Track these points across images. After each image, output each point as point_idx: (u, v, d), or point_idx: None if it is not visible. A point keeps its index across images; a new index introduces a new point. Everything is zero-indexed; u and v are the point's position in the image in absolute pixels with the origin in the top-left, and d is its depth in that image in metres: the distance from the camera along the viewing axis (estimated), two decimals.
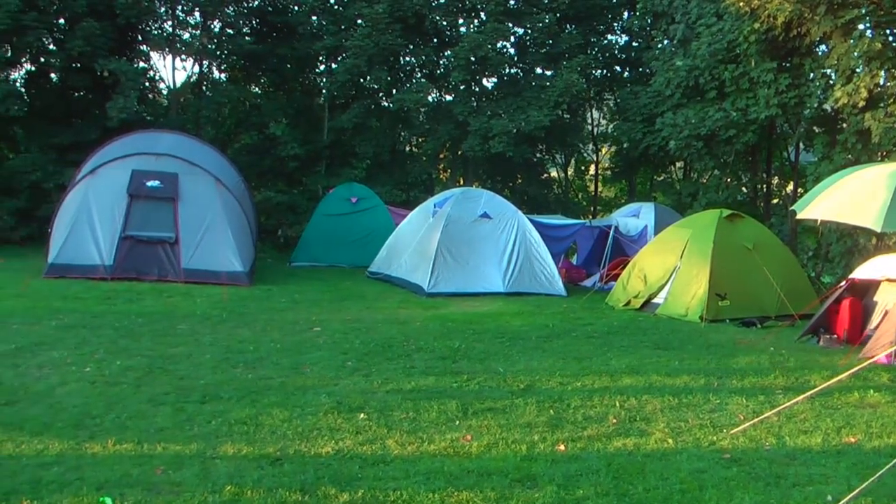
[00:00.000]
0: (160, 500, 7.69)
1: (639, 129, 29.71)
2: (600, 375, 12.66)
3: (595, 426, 10.03)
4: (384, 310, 18.47)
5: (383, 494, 7.89)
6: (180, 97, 33.77)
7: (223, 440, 9.30)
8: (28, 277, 20.20)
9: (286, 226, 30.24)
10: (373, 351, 14.10)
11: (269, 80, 35.70)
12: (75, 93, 31.54)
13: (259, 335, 15.18)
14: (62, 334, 14.65)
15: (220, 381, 11.80)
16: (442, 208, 22.05)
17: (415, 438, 9.50)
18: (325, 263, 25.80)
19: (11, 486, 7.92)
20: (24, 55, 30.31)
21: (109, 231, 20.89)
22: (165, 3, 32.36)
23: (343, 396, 11.14)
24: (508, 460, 8.83)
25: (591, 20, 33.50)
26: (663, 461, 8.90)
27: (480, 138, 30.14)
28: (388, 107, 33.11)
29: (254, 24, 34.23)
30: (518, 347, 14.73)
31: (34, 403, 10.53)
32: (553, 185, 37.85)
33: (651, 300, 19.11)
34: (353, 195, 26.79)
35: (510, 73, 33.20)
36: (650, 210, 24.65)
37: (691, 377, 12.78)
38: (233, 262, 21.03)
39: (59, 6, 29.41)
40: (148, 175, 21.30)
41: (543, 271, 21.21)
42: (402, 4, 30.54)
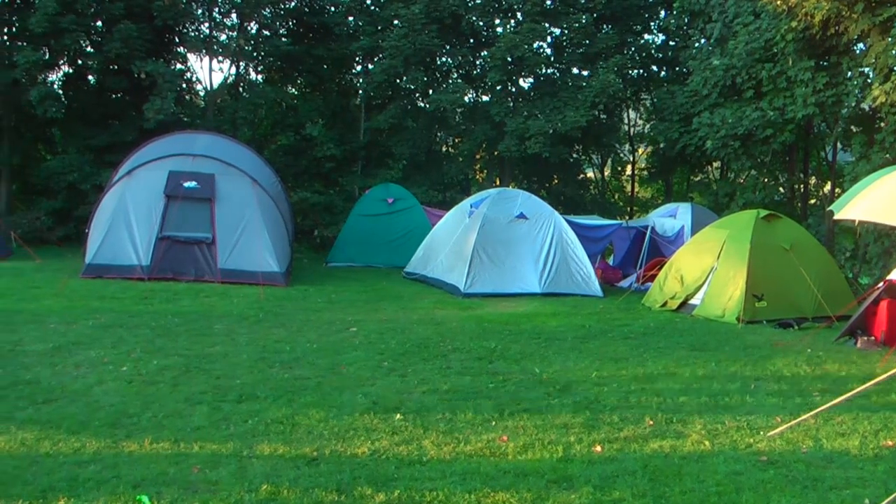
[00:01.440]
0: (197, 498, 7.71)
1: (675, 129, 29.61)
2: (637, 376, 12.62)
3: (631, 427, 9.99)
4: (420, 310, 18.47)
5: (419, 495, 7.88)
6: (217, 98, 33.87)
7: (259, 439, 9.32)
8: (65, 277, 20.32)
9: (322, 226, 30.31)
10: (409, 351, 14.10)
11: (305, 80, 35.84)
12: (113, 94, 31.77)
13: (295, 335, 15.20)
14: (99, 334, 14.73)
15: (257, 381, 11.83)
16: (478, 209, 22.03)
17: (451, 439, 9.49)
18: (362, 264, 25.86)
19: (49, 484, 7.97)
20: (61, 57, 30.57)
21: (146, 232, 21.01)
22: (202, 6, 32.49)
23: (379, 397, 11.15)
24: (545, 461, 8.81)
25: (628, 20, 33.41)
26: (700, 463, 8.86)
27: (517, 139, 30.11)
28: (424, 107, 33.14)
29: (290, 26, 34.35)
30: (554, 348, 14.70)
31: (71, 402, 10.59)
32: (589, 185, 37.83)
33: (688, 301, 19.03)
34: (390, 196, 26.82)
35: (546, 73, 33.12)
36: (687, 210, 24.57)
37: (728, 379, 12.71)
38: (269, 263, 21.09)
39: (97, 9, 29.55)
40: (185, 176, 21.41)
41: (580, 272, 21.17)
42: (439, 5, 30.55)
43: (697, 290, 18.91)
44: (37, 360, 12.69)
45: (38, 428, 9.51)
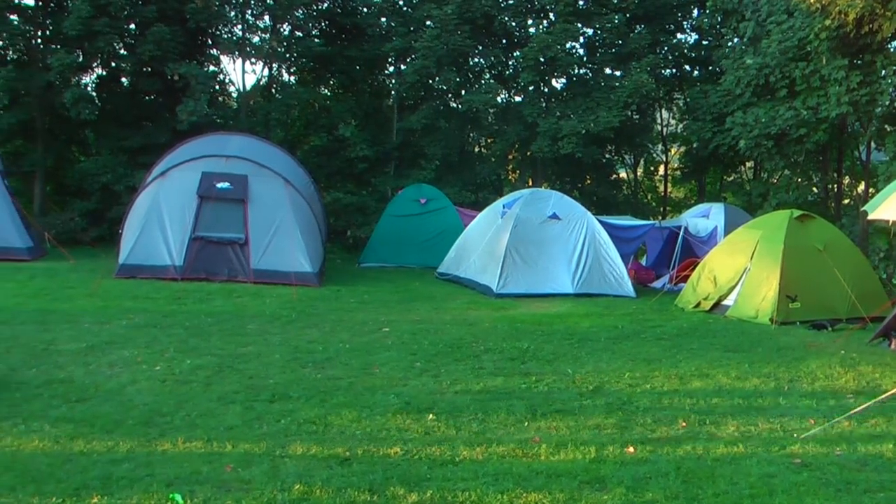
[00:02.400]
0: (229, 497, 7.75)
1: (708, 129, 29.49)
2: (669, 378, 12.59)
3: (664, 429, 9.98)
4: (453, 311, 18.47)
5: (452, 495, 7.90)
6: (250, 100, 33.94)
7: (292, 439, 9.36)
8: (99, 278, 20.41)
9: (355, 227, 30.32)
10: (441, 352, 14.11)
11: (338, 81, 35.86)
12: (146, 96, 31.95)
13: (328, 335, 15.24)
14: (133, 333, 14.82)
15: (289, 381, 11.87)
16: (511, 209, 22.02)
17: (483, 439, 9.50)
18: (394, 264, 25.87)
19: (82, 482, 8.03)
20: (95, 60, 30.75)
21: (180, 232, 21.10)
22: (235, 8, 32.56)
23: (412, 397, 11.17)
24: (577, 462, 8.81)
25: (661, 19, 33.26)
26: (733, 465, 8.84)
27: (549, 139, 30.07)
28: (456, 108, 33.15)
29: (323, 27, 34.40)
30: (587, 349, 14.69)
31: (105, 401, 10.67)
32: (622, 185, 37.71)
33: (721, 302, 18.95)
34: (422, 196, 26.83)
35: (579, 73, 33.05)
36: (720, 211, 24.47)
37: (761, 380, 12.66)
38: (302, 263, 21.12)
39: (130, 12, 29.67)
40: (218, 177, 21.48)
41: (612, 272, 21.12)
42: (472, 5, 30.53)
43: (731, 291, 18.82)
44: (71, 360, 12.78)
45: (71, 426, 9.59)
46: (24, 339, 14.03)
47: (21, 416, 9.95)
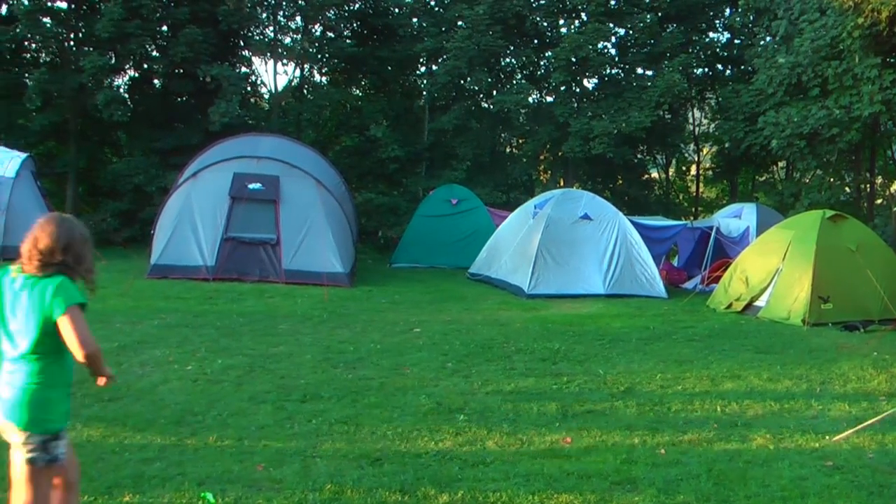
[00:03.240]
0: (261, 496, 7.78)
1: (740, 129, 29.39)
2: (701, 379, 12.54)
3: (696, 430, 9.93)
4: (484, 311, 18.46)
5: (483, 496, 7.90)
6: (281, 101, 34.05)
7: (323, 439, 9.38)
8: (131, 278, 20.48)
9: (386, 227, 30.37)
10: (473, 352, 14.10)
11: (369, 82, 35.94)
12: (178, 98, 32.12)
13: (359, 336, 15.25)
14: (164, 333, 14.88)
15: (321, 381, 11.88)
16: (542, 209, 21.99)
17: (514, 440, 9.49)
18: (426, 265, 25.88)
19: (115, 480, 8.08)
20: (127, 62, 30.93)
21: (211, 232, 21.18)
22: (267, 9, 32.71)
23: (443, 397, 11.18)
24: (608, 463, 8.78)
25: (693, 18, 33.14)
26: (764, 467, 8.79)
27: (581, 139, 30.05)
28: (488, 108, 33.22)
29: (355, 27, 34.43)
30: (618, 349, 14.65)
31: (137, 400, 10.74)
32: (654, 185, 37.69)
33: (753, 303, 18.84)
34: (454, 197, 26.85)
35: (611, 73, 33.04)
36: (752, 211, 24.35)
37: (793, 382, 12.60)
38: (333, 263, 21.15)
39: (162, 14, 29.86)
40: (249, 178, 21.55)
41: (644, 273, 21.07)
42: (503, 5, 30.55)
43: (763, 292, 18.72)
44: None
45: (103, 425, 9.65)
46: None
47: None
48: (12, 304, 5.90)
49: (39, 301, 5.78)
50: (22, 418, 5.82)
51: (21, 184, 23.66)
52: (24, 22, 28.34)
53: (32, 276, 5.82)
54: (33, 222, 18.73)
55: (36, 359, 5.82)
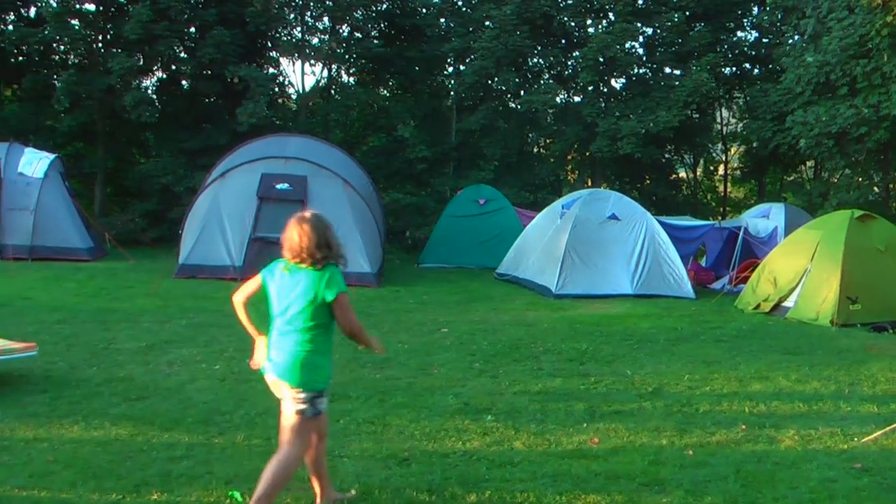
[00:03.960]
0: (288, 496, 7.82)
1: (768, 128, 29.26)
2: (729, 380, 12.50)
3: (724, 432, 9.90)
4: (511, 311, 18.46)
5: (510, 496, 7.90)
6: (309, 101, 34.16)
7: (351, 439, 9.43)
8: (159, 277, 20.61)
9: (414, 227, 30.35)
10: (500, 352, 14.12)
11: (397, 82, 36.01)
12: (205, 99, 32.24)
13: (386, 336, 15.20)
14: (192, 333, 14.96)
15: (348, 381, 11.91)
16: (570, 210, 21.97)
17: (542, 440, 9.50)
18: (453, 265, 25.86)
19: (142, 478, 8.12)
20: (155, 63, 31.11)
21: (239, 233, 21.25)
22: (294, 10, 32.80)
23: (470, 398, 11.20)
24: (636, 464, 8.77)
25: (721, 17, 32.96)
26: (793, 469, 8.76)
27: (609, 139, 29.99)
28: (515, 108, 33.19)
29: (382, 28, 34.50)
30: (646, 350, 14.63)
31: (165, 399, 10.81)
32: (682, 185, 37.58)
33: (781, 303, 18.74)
34: (481, 197, 26.83)
35: (639, 73, 32.93)
36: (780, 211, 24.27)
37: (821, 383, 12.54)
38: (361, 264, 21.15)
39: (190, 15, 30.04)
40: (277, 178, 21.61)
41: (672, 273, 21.01)
42: (531, 5, 30.52)
43: (791, 293, 18.61)
44: (130, 358, 12.93)
45: (131, 424, 9.70)
46: (84, 338, 14.20)
47: (81, 413, 10.08)
48: (286, 288, 7.29)
49: (314, 287, 7.17)
50: (295, 378, 7.17)
51: (49, 184, 23.83)
52: (52, 24, 28.52)
53: (305, 268, 7.22)
54: (61, 222, 18.97)
55: (307, 331, 7.18)
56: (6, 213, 23.32)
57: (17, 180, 23.52)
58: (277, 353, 7.33)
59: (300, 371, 7.18)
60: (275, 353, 7.36)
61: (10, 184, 23.45)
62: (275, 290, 7.42)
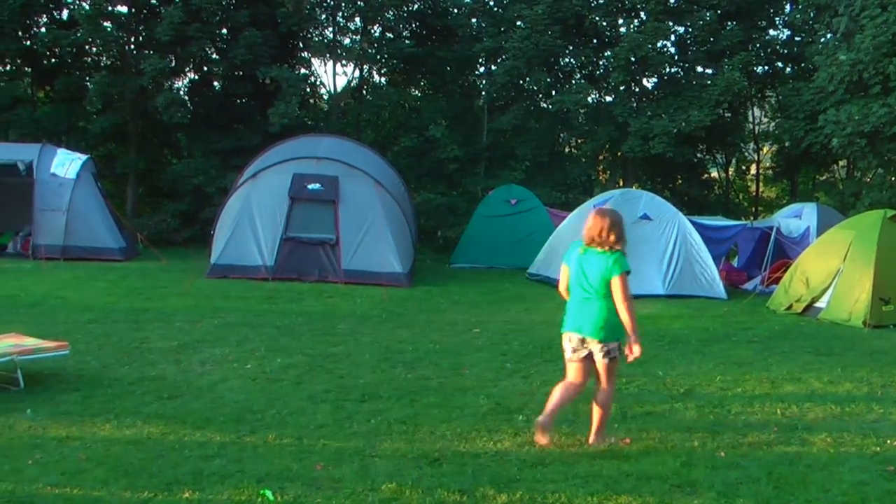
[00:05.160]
0: (320, 495, 7.82)
1: (801, 127, 29.11)
2: (761, 381, 12.44)
3: (756, 433, 9.86)
4: (543, 311, 18.38)
5: (541, 496, 7.89)
6: (341, 101, 34.25)
7: (382, 439, 9.43)
8: (191, 277, 20.72)
9: (445, 227, 30.39)
10: (532, 353, 14.12)
11: (428, 82, 36.04)
12: (237, 99, 32.39)
13: (418, 336, 15.29)
14: (224, 332, 15.02)
15: (380, 381, 11.95)
16: None
17: (573, 441, 9.51)
18: (485, 265, 25.87)
19: (174, 477, 8.16)
20: (187, 65, 31.30)
21: (271, 233, 21.33)
22: (326, 11, 32.90)
23: (502, 398, 11.21)
24: (668, 465, 8.76)
25: (753, 15, 32.78)
26: (825, 472, 8.72)
27: (640, 139, 29.91)
28: (547, 108, 33.16)
29: (413, 28, 34.58)
30: (677, 351, 14.61)
31: (196, 398, 10.87)
32: (714, 185, 37.46)
33: (813, 304, 18.65)
34: (513, 197, 26.82)
35: (670, 72, 32.80)
36: (812, 211, 24.17)
37: (854, 385, 12.47)
38: (392, 264, 21.22)
39: (222, 17, 30.17)
40: (309, 178, 21.66)
41: (704, 273, 20.95)
42: (562, 5, 30.47)
43: (823, 293, 18.51)
44: (162, 357, 13.01)
45: (163, 422, 9.77)
46: (116, 337, 14.29)
47: (114, 411, 10.15)
48: (585, 266, 9.29)
49: (604, 266, 9.15)
50: (600, 333, 9.18)
51: (82, 185, 23.98)
52: (85, 26, 28.70)
53: (601, 251, 9.21)
54: (93, 223, 19.23)
55: (603, 298, 9.18)
56: (39, 213, 23.51)
57: (50, 181, 23.67)
58: (581, 316, 9.34)
59: (604, 328, 9.17)
60: (578, 316, 9.37)
61: (42, 184, 23.61)
62: (575, 267, 9.38)
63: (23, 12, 29.46)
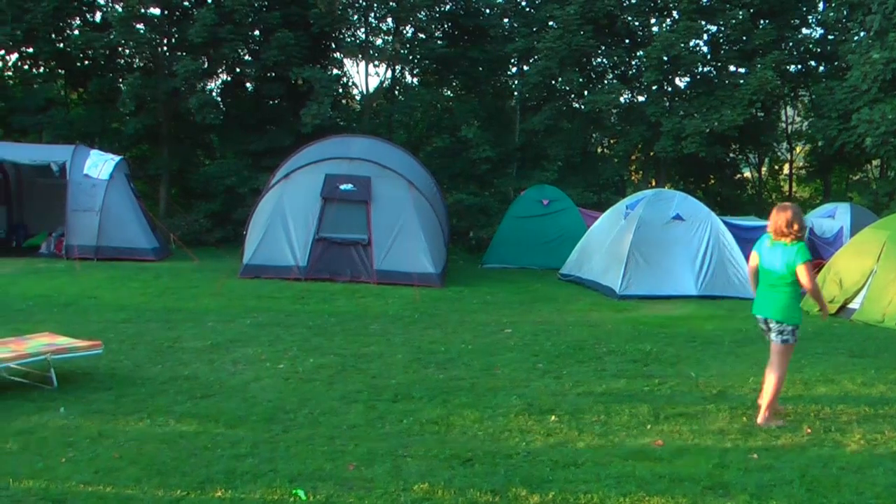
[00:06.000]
0: (352, 495, 7.84)
1: (834, 126, 28.99)
2: (794, 383, 12.34)
3: (789, 435, 9.83)
4: (575, 312, 18.42)
5: (574, 497, 7.89)
6: (373, 102, 34.32)
7: (414, 439, 9.44)
8: (223, 277, 20.78)
9: (477, 228, 30.36)
10: (564, 353, 14.10)
11: (460, 83, 36.03)
12: (270, 101, 32.57)
13: (450, 336, 15.30)
14: (256, 332, 15.09)
15: (412, 381, 11.96)
16: (634, 210, 21.87)
17: (606, 441, 9.49)
18: (517, 265, 25.85)
19: (206, 476, 8.20)
20: (220, 66, 31.52)
21: (303, 233, 21.39)
22: (358, 11, 32.97)
23: (534, 398, 11.19)
24: (700, 467, 8.73)
25: (785, 14, 32.60)
26: (858, 474, 8.66)
27: (673, 139, 29.85)
28: (579, 108, 33.15)
29: (446, 28, 34.59)
30: (710, 352, 14.55)
31: (229, 397, 10.91)
32: (746, 185, 37.35)
33: (846, 305, 18.51)
34: (545, 197, 26.79)
35: (703, 71, 32.72)
36: (846, 211, 24.07)
37: (888, 387, 12.38)
38: (425, 264, 21.23)
39: (255, 19, 30.31)
40: (341, 179, 21.69)
41: (737, 274, 20.83)
42: (594, 5, 30.43)
43: (856, 294, 18.37)
44: (195, 357, 13.07)
45: (196, 421, 9.83)
46: (149, 337, 14.38)
47: (146, 410, 10.22)
48: (771, 256, 10.33)
49: (789, 256, 10.11)
50: (778, 314, 10.32)
51: (115, 186, 24.15)
52: (118, 28, 28.89)
53: (783, 242, 10.20)
54: (126, 223, 19.50)
55: (787, 285, 10.24)
56: (72, 214, 23.69)
57: (83, 182, 23.86)
58: (766, 301, 10.48)
59: (782, 311, 10.28)
60: (763, 301, 10.53)
61: (75, 185, 23.79)
62: (764, 257, 10.47)
63: (56, 15, 29.67)
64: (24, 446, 8.94)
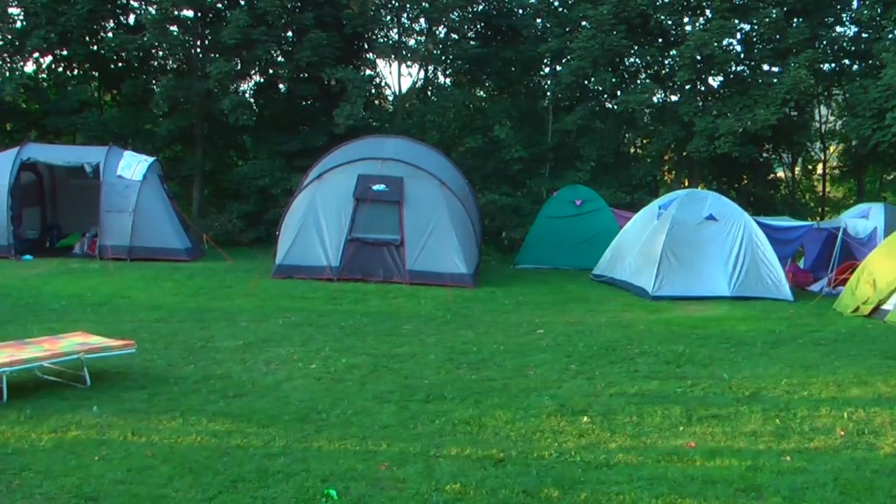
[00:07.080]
0: (384, 495, 7.88)
1: (868, 126, 28.77)
2: (827, 385, 12.32)
3: (822, 438, 9.80)
4: (608, 312, 18.41)
5: (606, 498, 7.91)
6: (406, 102, 34.34)
7: (446, 439, 9.47)
8: (256, 277, 20.85)
9: (510, 228, 30.33)
10: (596, 354, 14.10)
11: (493, 83, 36.07)
12: (303, 101, 32.70)
13: (482, 336, 15.32)
14: (289, 332, 15.17)
15: (444, 382, 11.99)
16: (667, 210, 21.82)
17: (638, 443, 9.49)
18: (549, 266, 25.85)
19: (239, 475, 8.26)
20: (253, 67, 31.64)
21: (336, 233, 21.43)
22: (391, 12, 32.99)
23: (566, 399, 11.19)
24: (733, 469, 8.72)
25: (819, 12, 32.36)
26: (892, 477, 8.63)
27: (706, 138, 29.72)
28: (612, 108, 33.10)
29: (478, 28, 34.57)
30: (743, 353, 14.49)
31: (261, 397, 10.99)
32: (780, 185, 37.17)
33: (880, 306, 18.35)
34: (578, 197, 26.75)
35: (736, 70, 32.57)
36: (880, 211, 23.87)
37: None
38: (457, 264, 21.25)
39: (288, 20, 30.43)
40: (374, 179, 21.74)
41: (770, 275, 20.77)
42: (627, 5, 30.33)
43: (891, 295, 18.21)
44: (228, 356, 13.17)
45: (228, 421, 9.92)
46: (182, 336, 14.48)
47: (179, 409, 10.31)
48: None
49: None
50: None
51: (148, 187, 24.30)
52: (151, 31, 29.06)
53: None
54: (160, 224, 19.77)
55: None
56: (105, 214, 23.87)
57: (116, 183, 24.05)
58: None
59: None
60: None
61: (109, 186, 23.97)
62: None
63: (90, 18, 29.86)
64: (58, 444, 9.04)
